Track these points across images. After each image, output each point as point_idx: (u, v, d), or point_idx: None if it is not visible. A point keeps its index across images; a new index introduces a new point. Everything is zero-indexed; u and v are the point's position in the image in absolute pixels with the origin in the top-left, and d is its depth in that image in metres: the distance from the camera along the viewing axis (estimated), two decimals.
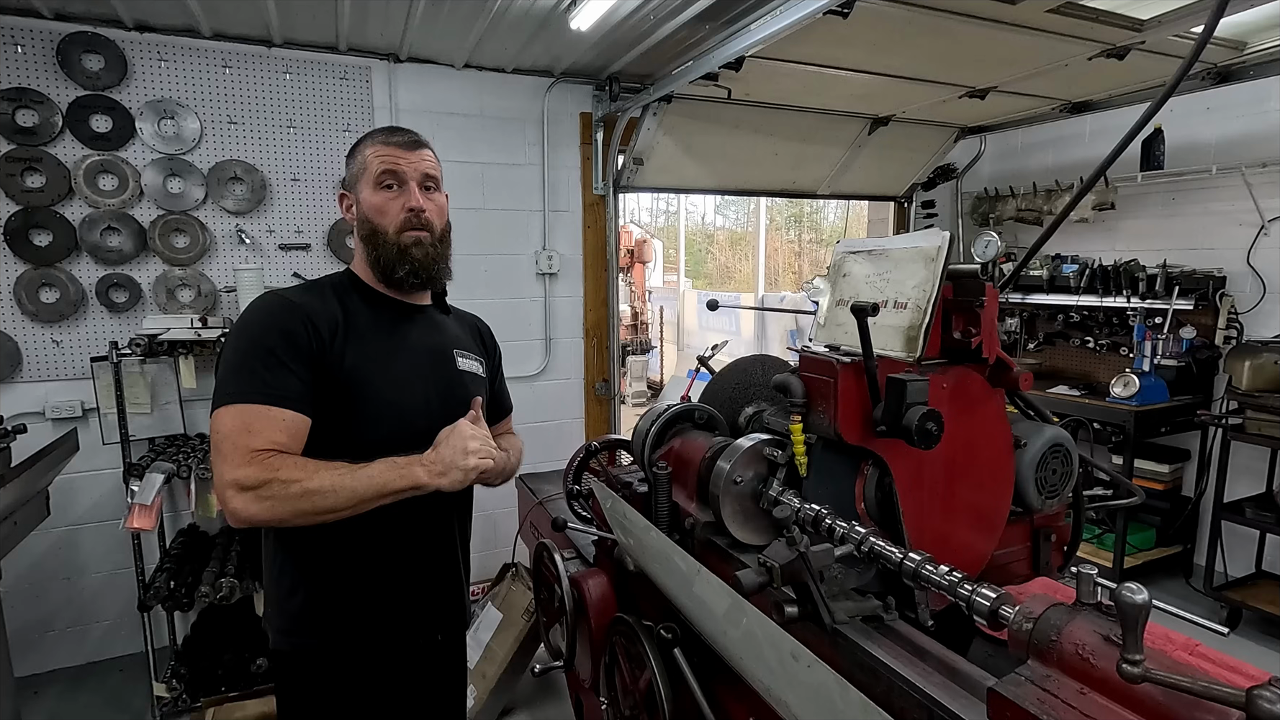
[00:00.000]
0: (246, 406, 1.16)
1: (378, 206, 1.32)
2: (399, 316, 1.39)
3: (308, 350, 1.21)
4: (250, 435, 1.14)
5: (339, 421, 1.25)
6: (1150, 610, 0.68)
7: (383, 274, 1.35)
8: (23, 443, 2.23)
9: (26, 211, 2.70)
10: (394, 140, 1.35)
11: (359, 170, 1.35)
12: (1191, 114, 3.50)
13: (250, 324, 1.24)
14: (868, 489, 1.30)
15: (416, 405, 1.33)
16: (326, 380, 1.23)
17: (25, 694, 2.76)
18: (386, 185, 1.32)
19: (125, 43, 2.78)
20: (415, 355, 1.37)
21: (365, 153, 1.34)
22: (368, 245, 1.34)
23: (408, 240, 1.33)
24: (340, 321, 1.28)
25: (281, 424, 1.17)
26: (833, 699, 0.80)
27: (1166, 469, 3.63)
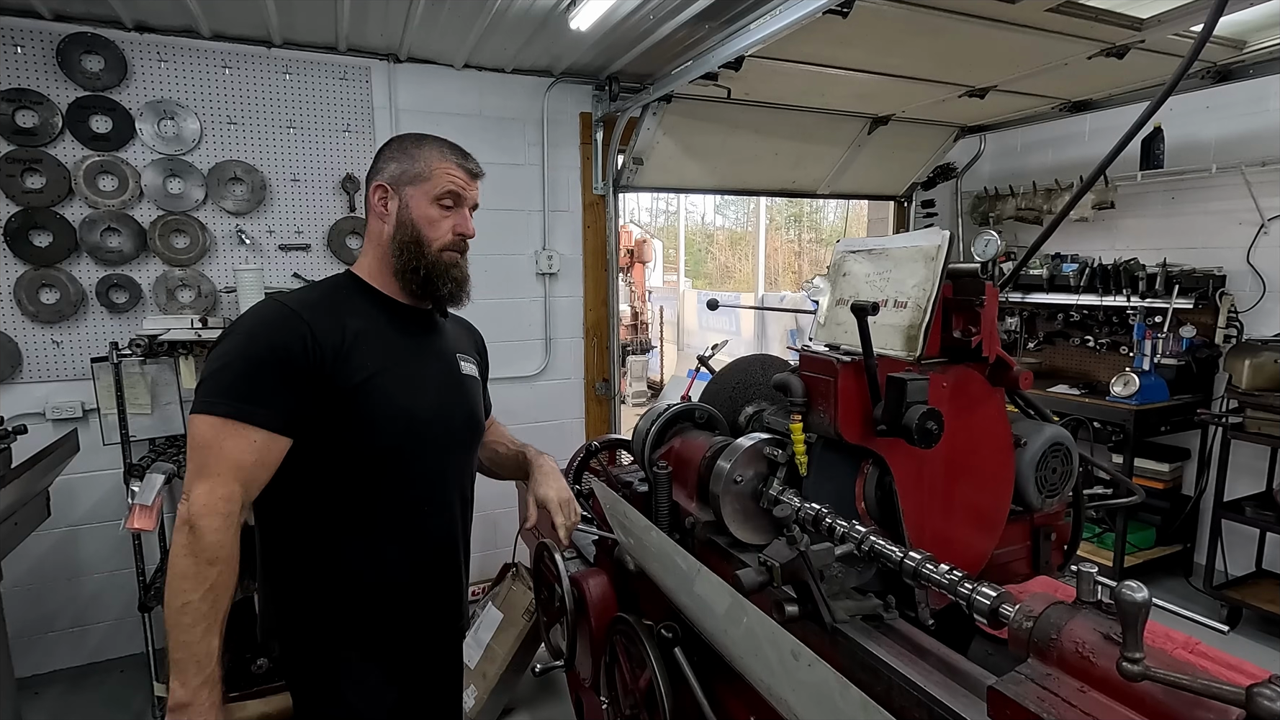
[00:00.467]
0: (221, 421, 1.12)
1: (431, 220, 1.31)
2: (408, 322, 1.37)
3: (304, 366, 1.17)
4: (219, 455, 1.12)
5: (349, 429, 1.23)
6: (1150, 608, 0.68)
7: (420, 285, 1.32)
8: (23, 443, 2.23)
9: (26, 212, 2.70)
10: (467, 166, 1.36)
11: (417, 175, 1.31)
12: (1191, 113, 3.50)
13: (245, 332, 1.20)
14: (868, 488, 1.30)
15: (428, 410, 1.32)
16: (330, 393, 1.19)
17: (26, 694, 2.76)
18: (445, 205, 1.32)
19: (125, 43, 2.78)
20: (425, 360, 1.36)
21: (433, 163, 1.31)
22: (403, 251, 1.30)
23: (449, 260, 1.33)
24: (349, 329, 1.24)
25: (251, 445, 1.13)
26: (833, 698, 0.80)
27: (1166, 468, 3.63)
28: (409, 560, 1.34)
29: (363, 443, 1.24)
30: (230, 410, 1.13)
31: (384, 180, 1.32)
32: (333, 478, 1.24)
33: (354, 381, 1.21)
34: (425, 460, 1.32)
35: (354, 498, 1.26)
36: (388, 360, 1.27)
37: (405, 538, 1.32)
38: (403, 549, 1.33)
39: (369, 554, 1.29)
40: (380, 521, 1.29)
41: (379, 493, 1.28)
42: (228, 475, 1.12)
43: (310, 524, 1.26)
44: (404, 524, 1.31)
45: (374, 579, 1.31)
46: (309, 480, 1.23)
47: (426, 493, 1.34)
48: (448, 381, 1.39)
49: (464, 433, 1.43)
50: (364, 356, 1.23)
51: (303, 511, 1.26)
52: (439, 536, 1.38)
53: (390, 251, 1.31)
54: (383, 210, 1.32)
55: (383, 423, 1.25)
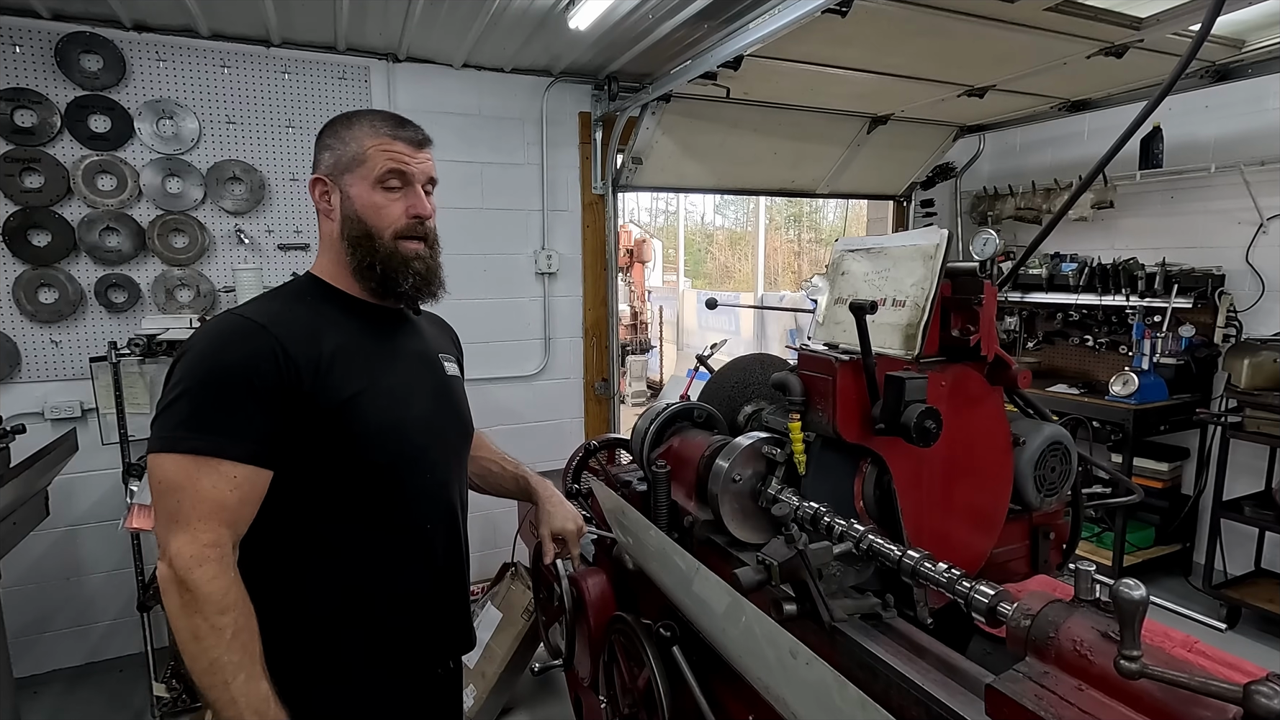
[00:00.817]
0: (191, 459, 0.98)
1: (377, 207, 1.16)
2: (383, 324, 1.24)
3: (277, 387, 1.04)
4: (196, 498, 0.98)
5: (337, 452, 1.11)
6: (1147, 606, 0.68)
7: (378, 283, 1.18)
8: (22, 443, 2.22)
9: (25, 211, 2.70)
10: (403, 135, 1.18)
11: (353, 160, 1.16)
12: (1190, 112, 3.50)
13: (204, 353, 1.05)
14: (866, 487, 1.30)
15: (417, 420, 1.21)
16: (310, 413, 1.07)
17: (25, 694, 2.76)
18: (389, 185, 1.16)
19: (123, 43, 2.77)
20: (408, 365, 1.24)
21: (365, 142, 1.16)
22: (356, 248, 1.16)
23: (409, 250, 1.18)
24: (326, 341, 1.11)
25: (232, 482, 1.00)
26: (831, 696, 0.80)
27: (1166, 467, 3.63)
28: (418, 584, 1.23)
29: (354, 465, 1.12)
30: (201, 445, 0.99)
31: (321, 173, 1.18)
32: (322, 506, 1.12)
33: (339, 399, 1.09)
34: (423, 475, 1.21)
35: (349, 525, 1.14)
36: (372, 371, 1.16)
37: (412, 560, 1.21)
38: (410, 573, 1.21)
39: (374, 583, 1.17)
40: (382, 546, 1.17)
41: (377, 516, 1.16)
42: (209, 520, 0.98)
43: (300, 559, 1.13)
44: (409, 546, 1.20)
45: (382, 609, 1.18)
46: (294, 511, 1.10)
47: (428, 509, 1.23)
48: (435, 387, 1.29)
49: (457, 440, 1.34)
50: (346, 370, 1.11)
51: (290, 546, 1.12)
52: (445, 553, 1.27)
53: (345, 251, 1.18)
54: (326, 206, 1.19)
55: (374, 441, 1.13)
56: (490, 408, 3.54)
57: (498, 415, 3.56)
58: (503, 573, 2.91)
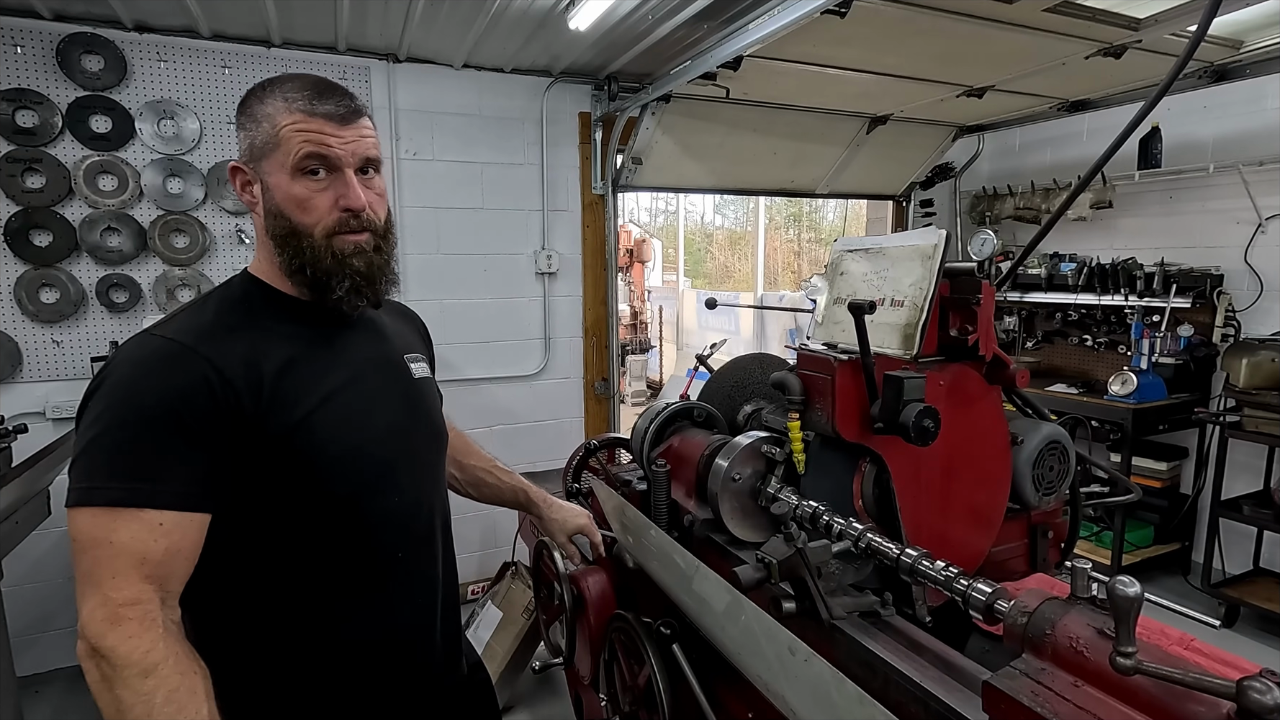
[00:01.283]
0: (107, 511, 0.84)
1: (299, 200, 0.97)
2: (336, 327, 1.07)
3: (211, 418, 0.89)
4: (112, 554, 0.83)
5: (292, 481, 0.96)
6: (1142, 603, 0.69)
7: (310, 287, 1.01)
8: (23, 442, 2.23)
9: (27, 212, 2.70)
10: (321, 110, 0.97)
11: (266, 144, 0.97)
12: (1189, 112, 3.51)
13: (123, 387, 0.89)
14: (865, 486, 1.31)
15: (381, 437, 1.05)
16: (256, 442, 0.93)
17: (27, 693, 2.76)
18: (311, 171, 0.97)
19: (125, 43, 2.78)
20: (368, 374, 1.07)
21: (279, 121, 0.96)
22: (283, 248, 0.99)
23: (345, 247, 1.00)
24: (270, 356, 0.96)
25: (157, 531, 0.85)
26: (829, 693, 0.81)
27: (1164, 466, 3.64)
28: (393, 618, 1.08)
29: (311, 494, 0.98)
30: (118, 494, 0.85)
31: (240, 160, 1.00)
32: (276, 544, 0.98)
33: (289, 423, 0.95)
34: (391, 497, 1.06)
35: (309, 561, 1.00)
36: (325, 386, 1.00)
37: (383, 594, 1.06)
38: (382, 609, 1.07)
39: (343, 624, 1.03)
40: (348, 582, 1.03)
41: (341, 548, 1.02)
42: (127, 575, 0.84)
43: (257, 606, 0.99)
44: (378, 577, 1.06)
45: (354, 652, 1.05)
46: (242, 553, 0.96)
47: (399, 534, 1.08)
48: (403, 395, 1.13)
49: (430, 451, 1.19)
50: (295, 388, 0.97)
51: (243, 593, 0.98)
52: (422, 580, 1.13)
53: (275, 253, 1.01)
54: (250, 199, 1.01)
55: (332, 467, 0.99)
56: (490, 407, 3.55)
57: (497, 415, 3.57)
58: (503, 571, 2.92)
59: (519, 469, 1.58)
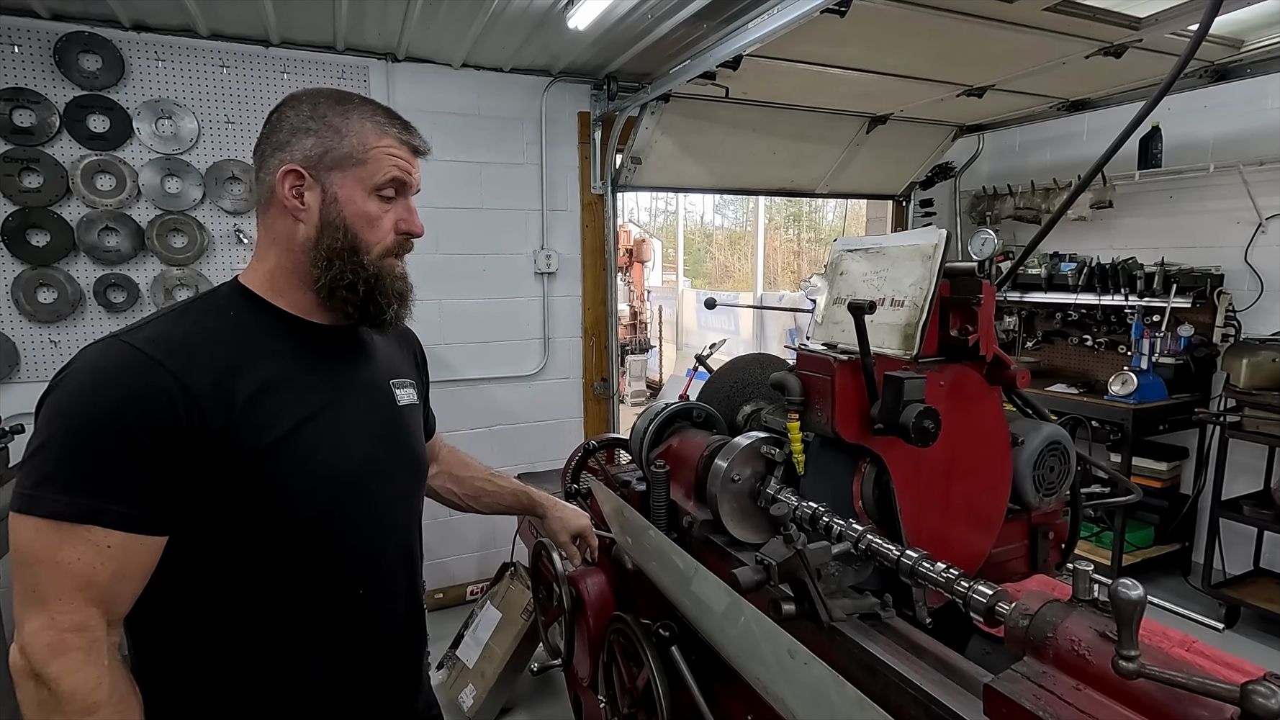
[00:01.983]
0: (51, 524, 0.80)
1: (370, 218, 0.98)
2: (324, 349, 1.03)
3: (169, 435, 0.84)
4: (57, 573, 0.80)
5: (256, 507, 0.92)
6: (1145, 606, 0.68)
7: (357, 306, 1.00)
8: (20, 443, 2.23)
9: (24, 211, 2.70)
10: (412, 141, 1.03)
11: (347, 157, 0.97)
12: (1189, 112, 3.51)
13: (79, 394, 0.85)
14: (865, 487, 1.30)
15: (356, 466, 1.01)
16: (222, 462, 0.88)
17: None
18: (387, 196, 1.00)
19: (122, 42, 2.77)
20: (347, 400, 1.03)
21: (369, 140, 0.98)
22: (334, 261, 0.97)
23: (393, 270, 1.02)
24: (242, 372, 0.91)
25: (104, 554, 0.81)
26: (829, 696, 0.80)
27: (1165, 467, 3.63)
28: (345, 661, 1.03)
29: (275, 520, 0.93)
30: (62, 507, 0.80)
31: (298, 162, 0.96)
32: (231, 569, 0.93)
33: (260, 445, 0.90)
34: (358, 530, 1.01)
35: (263, 590, 0.95)
36: (304, 408, 0.96)
37: (339, 630, 1.01)
38: (336, 646, 1.01)
39: (293, 667, 0.98)
40: (302, 615, 0.98)
41: (300, 579, 0.97)
42: (72, 599, 0.80)
43: (203, 640, 0.94)
44: (335, 613, 1.01)
45: (303, 699, 0.99)
46: (194, 575, 0.91)
47: (359, 570, 1.03)
48: (383, 423, 1.08)
49: (406, 484, 1.13)
50: (271, 410, 0.92)
51: (186, 616, 0.93)
52: (380, 621, 1.07)
53: (310, 260, 0.98)
54: (297, 205, 0.97)
55: (303, 494, 0.94)
56: (489, 408, 3.54)
57: (496, 415, 3.57)
58: (502, 572, 2.91)
59: (518, 469, 1.58)
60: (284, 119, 0.99)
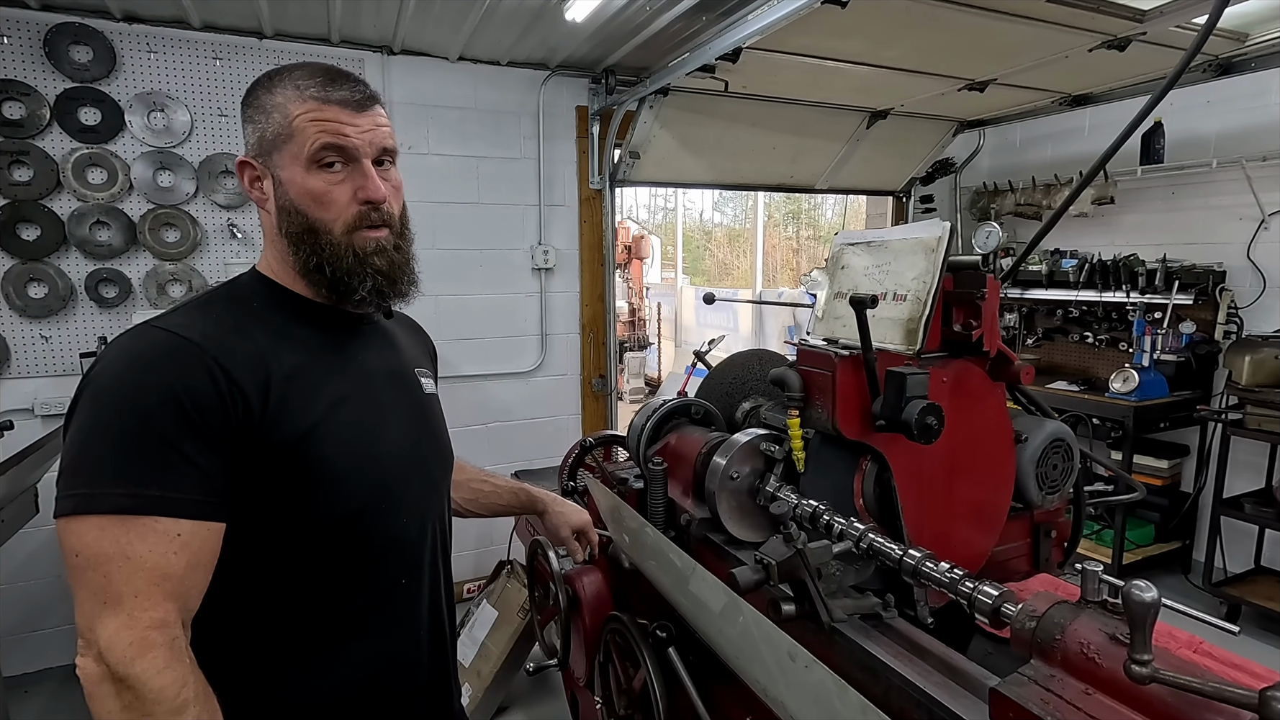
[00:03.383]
0: (119, 520, 0.77)
1: (316, 194, 0.92)
2: (347, 333, 1.01)
3: (219, 419, 0.82)
4: (130, 569, 0.77)
5: (295, 496, 0.89)
6: (1160, 609, 0.66)
7: (329, 288, 0.96)
8: (10, 439, 2.20)
9: (14, 205, 2.66)
10: (335, 97, 0.92)
11: (278, 136, 0.91)
12: (1192, 107, 3.48)
13: (123, 382, 0.81)
14: (866, 484, 1.28)
15: (392, 454, 0.99)
16: (263, 452, 0.86)
17: (15, 693, 2.73)
18: (327, 164, 0.92)
19: (114, 34, 2.74)
20: (379, 385, 1.02)
21: (291, 110, 0.91)
22: (299, 247, 0.93)
23: (366, 245, 0.95)
24: (272, 360, 0.89)
25: (176, 542, 0.79)
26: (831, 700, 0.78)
27: (1165, 464, 3.61)
28: (389, 654, 1.01)
29: (317, 509, 0.91)
30: (128, 501, 0.77)
31: (248, 154, 0.94)
32: (271, 564, 0.90)
33: (298, 432, 0.88)
34: (398, 518, 0.99)
35: (306, 585, 0.93)
36: (338, 393, 0.94)
37: (381, 624, 0.99)
38: (379, 640, 0.99)
39: (334, 656, 0.96)
40: (346, 609, 0.96)
41: (342, 572, 0.95)
42: (151, 593, 0.77)
43: (243, 631, 0.91)
44: (378, 607, 0.99)
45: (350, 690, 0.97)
46: (237, 572, 0.88)
47: (403, 562, 1.01)
48: (412, 410, 1.07)
49: (438, 472, 1.12)
50: (305, 394, 0.90)
51: (242, 614, 0.90)
52: (424, 612, 1.05)
53: (285, 248, 0.95)
54: (260, 195, 0.95)
55: (342, 479, 0.92)
56: (486, 404, 3.52)
57: (493, 412, 3.54)
58: (498, 570, 2.89)
59: (515, 467, 1.55)
60: (242, 116, 0.96)
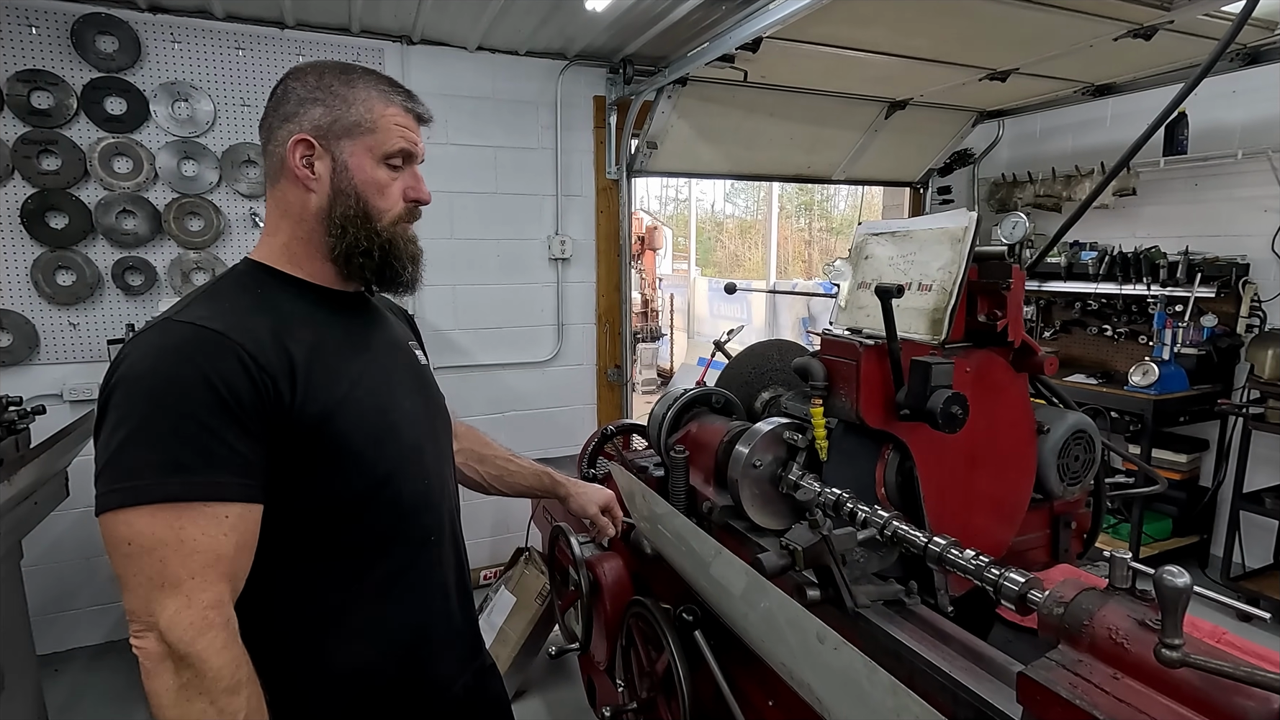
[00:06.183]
0: (171, 508, 0.80)
1: (380, 185, 0.99)
2: (351, 313, 1.07)
3: (254, 405, 0.86)
4: (184, 553, 0.80)
5: (325, 470, 0.94)
6: (1191, 594, 0.67)
7: (375, 271, 1.02)
8: (41, 424, 2.24)
9: (43, 194, 2.70)
10: (416, 109, 1.04)
11: (355, 126, 0.97)
12: (1217, 97, 3.42)
13: (158, 375, 0.84)
14: (889, 473, 1.29)
15: (407, 419, 1.06)
16: (292, 431, 0.90)
17: (46, 671, 2.80)
18: (395, 165, 1.01)
19: (138, 24, 2.76)
20: (385, 357, 1.08)
21: (376, 108, 0.99)
22: (348, 229, 0.98)
23: (406, 234, 1.05)
24: (290, 343, 0.93)
25: (225, 524, 0.83)
26: (860, 681, 0.79)
27: (1184, 458, 3.58)
28: (426, 607, 1.08)
29: (347, 482, 0.96)
30: (177, 489, 0.81)
31: (307, 132, 0.97)
32: (312, 536, 0.95)
33: (323, 410, 0.93)
34: (419, 481, 1.06)
35: (345, 552, 0.98)
36: (354, 368, 1.00)
37: (417, 580, 1.06)
38: (418, 595, 1.06)
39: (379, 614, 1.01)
40: (382, 570, 1.01)
41: (375, 536, 1.00)
42: (205, 575, 0.81)
43: (293, 603, 0.96)
44: (411, 565, 1.05)
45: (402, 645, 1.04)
46: (281, 548, 0.92)
47: (428, 519, 1.07)
48: (416, 379, 1.13)
49: (445, 434, 1.20)
50: (326, 371, 0.95)
51: (281, 589, 0.94)
52: (450, 567, 1.13)
53: (324, 230, 0.99)
54: (307, 174, 0.97)
55: (370, 446, 0.98)
56: (503, 393, 3.54)
57: (510, 401, 3.57)
58: (516, 557, 2.92)
59: (532, 456, 1.56)
60: (290, 91, 0.99)
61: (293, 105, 0.98)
